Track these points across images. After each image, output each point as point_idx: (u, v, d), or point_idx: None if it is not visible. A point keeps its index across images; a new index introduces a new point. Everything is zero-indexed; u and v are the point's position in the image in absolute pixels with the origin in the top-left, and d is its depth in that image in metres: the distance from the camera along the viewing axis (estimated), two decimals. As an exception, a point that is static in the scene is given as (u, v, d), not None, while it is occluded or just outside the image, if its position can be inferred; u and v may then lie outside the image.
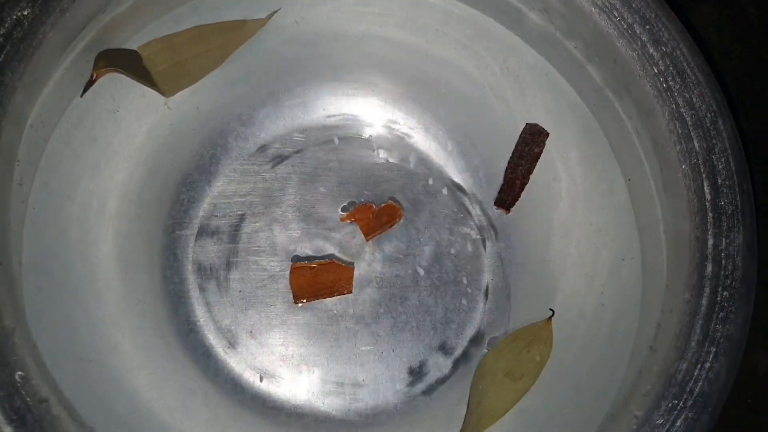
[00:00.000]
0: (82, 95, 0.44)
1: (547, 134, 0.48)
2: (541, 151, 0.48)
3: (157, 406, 0.45)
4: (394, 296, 0.49)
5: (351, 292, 0.48)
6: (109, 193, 0.47)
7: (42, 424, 0.34)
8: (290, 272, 0.48)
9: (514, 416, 0.46)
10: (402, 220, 0.49)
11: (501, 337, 0.49)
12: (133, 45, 0.45)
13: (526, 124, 0.49)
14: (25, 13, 0.39)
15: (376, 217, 0.49)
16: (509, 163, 0.49)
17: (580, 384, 0.46)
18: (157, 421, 0.45)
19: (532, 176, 0.49)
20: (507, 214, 0.49)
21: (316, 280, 0.48)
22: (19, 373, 0.34)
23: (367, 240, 0.49)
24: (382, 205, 0.49)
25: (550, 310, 0.44)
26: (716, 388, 0.38)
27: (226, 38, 0.47)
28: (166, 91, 0.46)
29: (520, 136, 0.49)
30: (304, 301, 0.48)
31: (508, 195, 0.49)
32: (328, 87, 0.51)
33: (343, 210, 0.49)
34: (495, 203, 0.49)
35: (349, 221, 0.49)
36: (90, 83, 0.43)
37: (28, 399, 0.34)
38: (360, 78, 0.51)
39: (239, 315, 0.48)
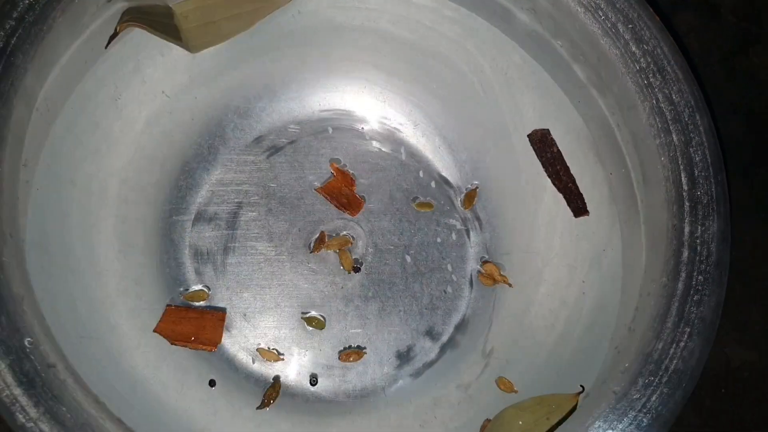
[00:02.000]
0: (106, 47, 0.45)
1: (547, 130, 0.49)
2: (557, 148, 0.49)
3: (153, 383, 0.47)
4: (383, 282, 0.51)
5: (216, 346, 0.48)
6: (109, 178, 0.48)
7: (50, 387, 0.35)
8: (333, 171, 0.50)
9: (498, 400, 0.48)
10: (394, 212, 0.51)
11: (486, 324, 0.50)
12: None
13: (527, 137, 0.50)
14: (37, -3, 0.40)
15: (343, 192, 0.50)
16: (550, 178, 0.50)
17: (561, 369, 0.48)
18: (153, 397, 0.46)
19: (517, 170, 0.51)
20: (588, 215, 0.49)
21: (180, 328, 0.47)
22: (28, 339, 0.35)
23: (317, 190, 0.50)
24: (358, 195, 0.51)
25: (581, 386, 0.44)
26: (690, 365, 0.40)
27: (258, 4, 0.48)
28: (193, 48, 0.47)
29: (534, 150, 0.50)
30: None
31: (574, 200, 0.49)
32: (323, 80, 0.52)
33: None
34: (575, 215, 0.49)
35: (331, 168, 0.51)
36: (114, 35, 0.44)
37: (37, 364, 0.35)
38: (353, 72, 0.52)
39: (234, 298, 0.49)
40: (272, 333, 0.50)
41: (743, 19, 0.60)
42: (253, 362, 0.49)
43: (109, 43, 0.45)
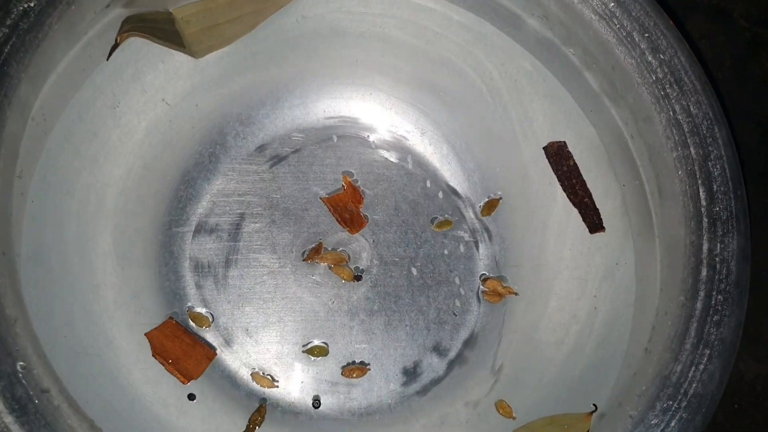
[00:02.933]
0: (108, 59, 0.44)
1: (564, 143, 0.48)
2: (574, 161, 0.48)
3: (152, 401, 0.45)
4: (388, 295, 0.49)
5: (189, 380, 0.46)
6: (107, 189, 0.47)
7: (44, 414, 0.34)
8: (345, 184, 0.49)
9: (507, 419, 0.46)
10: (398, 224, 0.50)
11: (495, 339, 0.49)
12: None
13: (543, 149, 0.49)
14: (32, 4, 0.39)
15: (348, 208, 0.49)
16: (565, 192, 0.49)
17: (572, 386, 0.47)
18: (152, 415, 0.45)
19: (527, 180, 0.50)
20: (604, 231, 0.48)
21: (169, 345, 0.46)
22: (21, 363, 0.34)
23: (322, 199, 0.49)
24: (363, 215, 0.49)
25: (594, 405, 0.43)
26: (710, 389, 0.38)
27: (260, 5, 0.47)
28: (196, 53, 0.46)
29: (550, 163, 0.49)
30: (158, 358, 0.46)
31: (590, 216, 0.48)
32: (328, 87, 0.51)
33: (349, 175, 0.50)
34: (590, 232, 0.48)
35: (343, 180, 0.49)
36: (114, 46, 0.43)
37: (30, 389, 0.34)
38: (359, 79, 0.51)
39: (236, 312, 0.48)
40: (275, 348, 0.48)
41: (756, 24, 0.59)
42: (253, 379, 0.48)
43: (110, 54, 0.44)
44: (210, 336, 0.48)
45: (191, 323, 0.47)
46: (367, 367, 0.48)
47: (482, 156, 0.51)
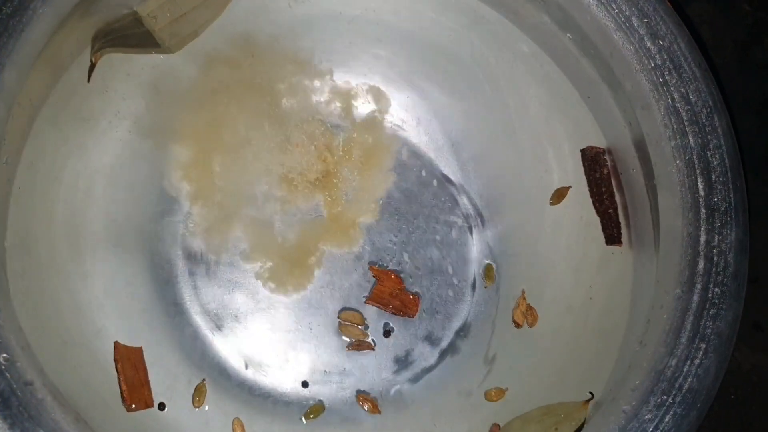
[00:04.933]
0: (88, 81, 0.44)
1: (603, 150, 0.47)
2: (608, 170, 0.47)
3: (141, 390, 0.45)
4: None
5: (129, 405, 0.44)
6: (96, 175, 0.46)
7: (27, 407, 0.33)
8: (376, 276, 0.48)
9: (500, 409, 0.46)
10: (397, 219, 0.49)
11: (488, 329, 0.49)
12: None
13: (580, 151, 0.48)
14: (16, -13, 0.38)
15: (393, 295, 0.48)
16: (592, 199, 0.47)
17: (566, 376, 0.46)
18: (141, 405, 0.45)
19: (523, 168, 0.49)
20: (621, 246, 0.46)
21: (128, 367, 0.45)
22: (4, 355, 0.34)
23: (366, 302, 0.48)
24: (409, 293, 0.48)
25: (590, 393, 0.43)
26: (705, 384, 0.38)
27: None
28: (172, 47, 0.46)
29: (584, 167, 0.48)
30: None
31: (612, 228, 0.47)
32: (317, 72, 0.50)
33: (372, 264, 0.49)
34: (606, 243, 0.47)
35: (373, 273, 0.48)
36: (92, 68, 0.44)
37: (13, 382, 0.33)
38: (351, 63, 0.50)
39: (225, 297, 0.48)
40: (266, 336, 0.48)
41: (759, 8, 0.58)
42: (246, 368, 0.47)
43: (89, 76, 0.44)
44: (201, 320, 0.47)
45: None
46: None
47: (477, 143, 0.50)
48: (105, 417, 0.43)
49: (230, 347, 0.47)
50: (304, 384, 0.47)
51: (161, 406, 0.45)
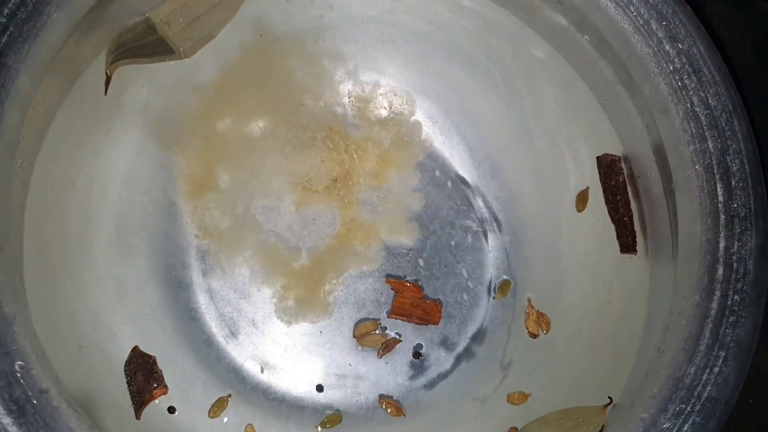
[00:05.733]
0: (105, 93, 0.44)
1: (619, 158, 0.46)
2: (624, 178, 0.46)
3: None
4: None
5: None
6: (111, 180, 0.46)
7: (42, 415, 0.33)
8: (395, 288, 0.48)
9: (516, 414, 0.46)
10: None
11: (504, 334, 0.48)
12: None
13: (596, 158, 0.47)
14: (30, -7, 0.38)
15: (415, 305, 0.48)
16: (607, 206, 0.47)
17: (582, 381, 0.46)
18: (155, 409, 0.44)
19: (539, 170, 0.49)
20: (637, 254, 0.46)
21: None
22: (19, 362, 0.34)
23: (390, 316, 0.48)
24: (430, 300, 0.48)
25: (609, 398, 0.42)
26: (725, 393, 0.37)
27: None
28: (186, 52, 0.46)
29: (600, 174, 0.47)
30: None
31: (627, 236, 0.46)
32: (332, 73, 0.50)
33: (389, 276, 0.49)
34: (621, 251, 0.46)
35: (391, 287, 0.48)
36: (108, 81, 0.44)
37: (29, 390, 0.33)
38: (366, 64, 0.50)
39: (242, 301, 0.48)
40: (282, 340, 0.47)
41: (779, 7, 0.57)
42: (262, 371, 0.47)
43: (106, 89, 0.44)
44: (215, 326, 0.47)
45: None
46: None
47: (493, 145, 0.50)
48: (120, 419, 0.43)
49: (246, 352, 0.47)
50: (319, 388, 0.47)
51: (171, 410, 0.45)
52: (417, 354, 0.47)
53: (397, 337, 0.48)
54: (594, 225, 0.48)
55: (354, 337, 0.47)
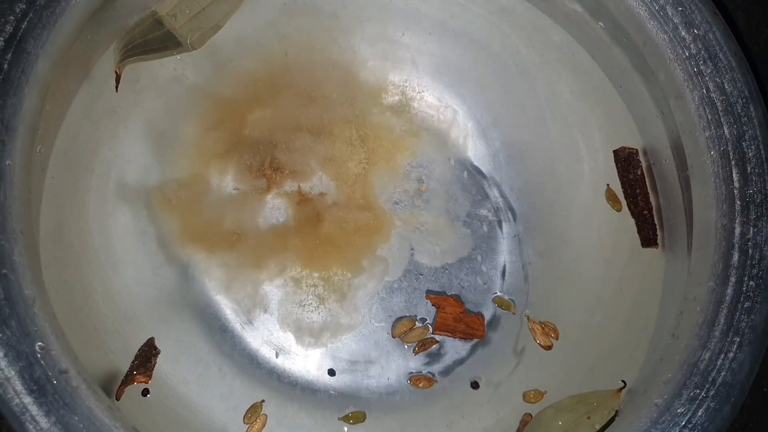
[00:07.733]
0: (116, 90, 0.45)
1: (636, 151, 0.46)
2: (642, 171, 0.46)
3: (172, 378, 0.45)
4: (409, 272, 0.49)
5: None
6: (127, 164, 0.46)
7: (62, 395, 0.34)
8: (436, 303, 0.48)
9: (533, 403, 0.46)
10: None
11: (517, 320, 0.48)
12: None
13: (613, 152, 0.47)
14: (49, -21, 0.38)
15: (457, 319, 0.48)
16: (626, 201, 0.47)
17: (596, 367, 0.46)
18: (172, 392, 0.45)
19: (554, 158, 0.49)
20: (657, 248, 0.46)
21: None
22: (39, 343, 0.34)
23: (434, 333, 0.48)
24: (472, 313, 0.48)
25: (622, 381, 0.43)
26: (739, 378, 0.37)
27: None
28: (194, 44, 0.46)
29: (617, 168, 0.47)
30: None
31: (647, 230, 0.46)
32: (346, 60, 0.50)
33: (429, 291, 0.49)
34: (642, 245, 0.46)
35: (432, 302, 0.48)
36: (117, 79, 0.44)
37: (48, 370, 0.34)
38: (380, 51, 0.50)
39: (257, 288, 0.48)
40: (296, 325, 0.48)
41: (795, -5, 0.57)
42: (277, 356, 0.47)
43: (117, 86, 0.45)
44: (230, 313, 0.47)
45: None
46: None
47: (507, 133, 0.50)
48: (136, 404, 0.43)
49: (261, 337, 0.48)
50: (331, 372, 0.47)
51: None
52: (475, 384, 0.47)
53: (436, 339, 0.48)
54: (608, 211, 0.48)
55: (394, 337, 0.48)
